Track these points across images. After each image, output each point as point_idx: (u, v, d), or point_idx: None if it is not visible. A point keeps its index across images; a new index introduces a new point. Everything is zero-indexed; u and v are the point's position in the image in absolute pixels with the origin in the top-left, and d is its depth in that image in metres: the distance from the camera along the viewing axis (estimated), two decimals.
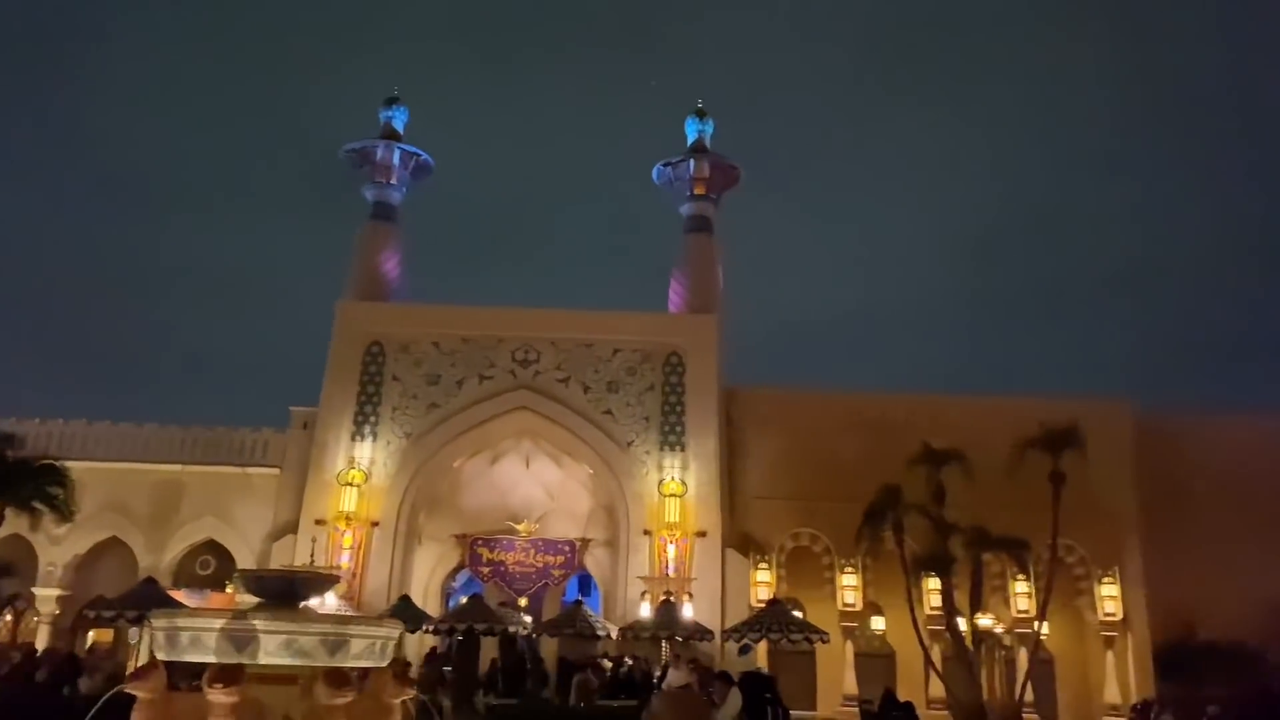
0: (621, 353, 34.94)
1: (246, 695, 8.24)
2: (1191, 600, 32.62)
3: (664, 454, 33.78)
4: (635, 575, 32.38)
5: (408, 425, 34.10)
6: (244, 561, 32.97)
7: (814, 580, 33.72)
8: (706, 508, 33.12)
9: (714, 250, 38.76)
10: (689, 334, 35.57)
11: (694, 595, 31.68)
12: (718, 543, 32.79)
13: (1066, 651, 33.95)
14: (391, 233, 39.04)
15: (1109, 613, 33.09)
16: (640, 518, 33.03)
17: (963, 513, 28.78)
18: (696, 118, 40.75)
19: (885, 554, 30.42)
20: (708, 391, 34.47)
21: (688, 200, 39.35)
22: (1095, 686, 33.28)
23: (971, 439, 29.05)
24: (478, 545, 34.39)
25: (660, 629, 29.69)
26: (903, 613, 29.62)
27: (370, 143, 39.74)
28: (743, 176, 40.40)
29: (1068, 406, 30.66)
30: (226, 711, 8.19)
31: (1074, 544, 32.29)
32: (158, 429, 35.36)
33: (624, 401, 34.44)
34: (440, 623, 29.90)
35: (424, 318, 35.87)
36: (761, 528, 33.89)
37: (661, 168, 40.13)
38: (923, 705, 30.21)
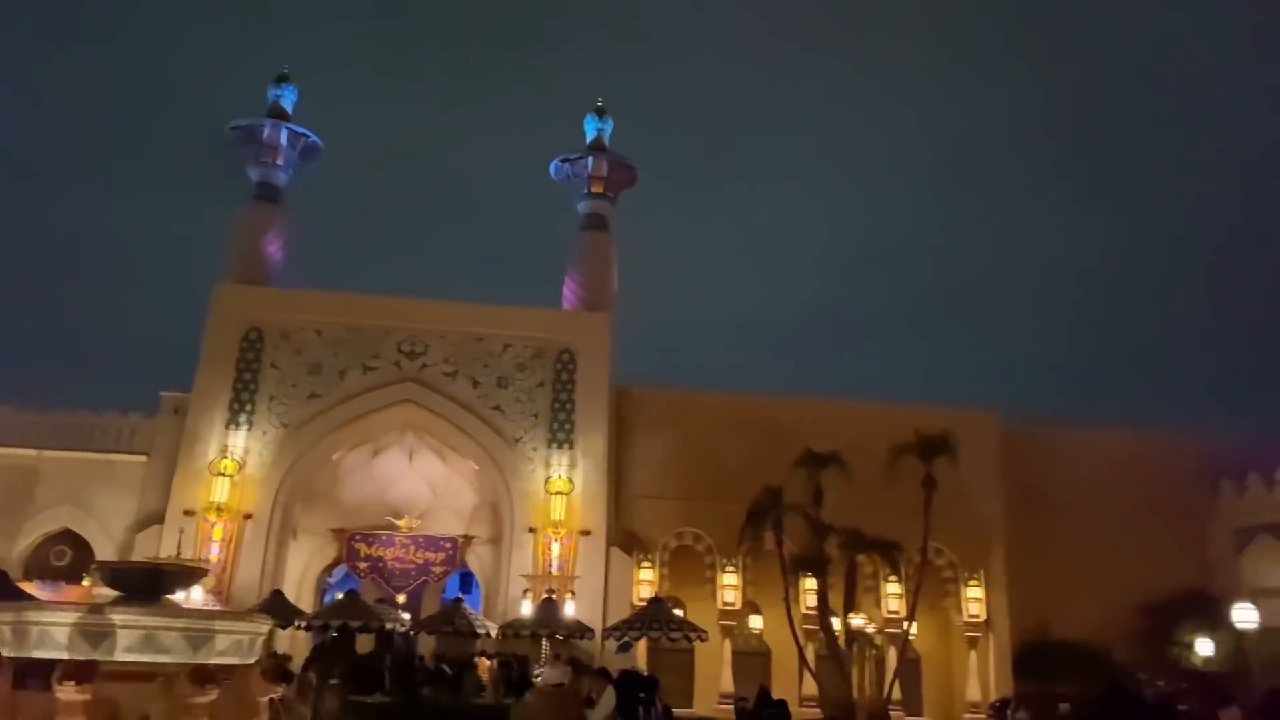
0: (513, 348, 34.63)
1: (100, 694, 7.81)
2: (1048, 602, 34.43)
3: (552, 451, 33.64)
4: (518, 573, 32.17)
5: (286, 415, 32.99)
6: (104, 553, 31.31)
7: (695, 579, 34.15)
8: (592, 506, 33.14)
9: (610, 249, 38.82)
10: (582, 332, 35.53)
11: (576, 593, 31.67)
12: (602, 541, 32.86)
13: (933, 651, 35.35)
14: (275, 214, 37.68)
15: (973, 614, 34.57)
16: (525, 515, 32.82)
17: (840, 515, 29.63)
18: (596, 116, 40.73)
19: (765, 554, 31.07)
20: (598, 390, 34.49)
21: (585, 198, 39.30)
22: (958, 684, 34.71)
23: (852, 443, 29.95)
24: (356, 540, 33.56)
25: (541, 627, 29.57)
26: (780, 612, 30.31)
27: (257, 121, 38.29)
28: (640, 177, 40.61)
29: (941, 415, 32.04)
30: (77, 711, 7.75)
31: (943, 547, 33.59)
32: (12, 412, 33.23)
33: (513, 397, 34.15)
34: (314, 619, 29.07)
35: (307, 304, 34.73)
36: (646, 527, 34.13)
37: (559, 163, 39.96)
38: (796, 703, 30.96)
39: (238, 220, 37.33)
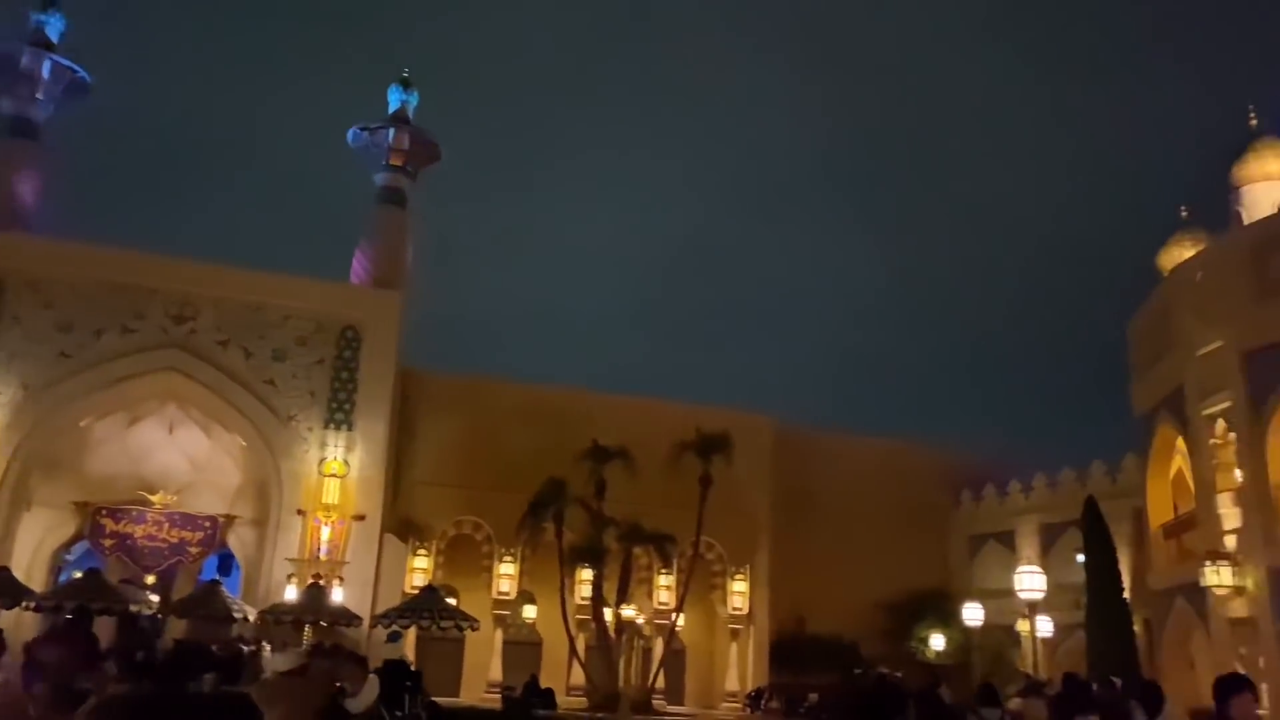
0: (293, 320, 32.85)
1: None
2: (806, 597, 36.65)
3: (329, 432, 32.23)
4: (284, 556, 30.63)
5: (29, 374, 29.81)
6: None
7: (473, 568, 33.81)
8: (369, 490, 32.03)
9: (406, 225, 37.63)
10: (370, 309, 34.16)
11: (345, 580, 30.56)
12: (377, 527, 31.84)
13: (698, 642, 36.71)
14: (31, 152, 33.97)
15: (737, 607, 36.19)
16: (295, 497, 31.29)
17: (621, 508, 30.20)
18: (401, 87, 39.28)
19: (545, 545, 31.21)
20: (384, 371, 33.32)
21: (383, 170, 37.87)
22: (719, 675, 36.24)
23: (636, 438, 30.59)
24: (102, 515, 30.91)
25: (304, 613, 28.32)
26: (555, 602, 30.53)
27: (13, 47, 34.37)
28: (444, 155, 39.61)
29: (721, 416, 33.37)
30: None
31: (715, 542, 34.94)
32: None
33: (290, 372, 32.42)
34: (45, 599, 26.47)
35: (61, 254, 31.38)
36: (425, 514, 33.43)
37: (358, 131, 38.30)
38: (564, 692, 31.33)
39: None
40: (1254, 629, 22.73)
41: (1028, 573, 24.64)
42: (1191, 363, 25.35)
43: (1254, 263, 23.99)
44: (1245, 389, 23.45)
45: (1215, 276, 25.14)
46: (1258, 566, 22.66)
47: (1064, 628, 31.30)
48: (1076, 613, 30.32)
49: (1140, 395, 29.73)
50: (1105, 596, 28.92)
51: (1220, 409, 24.21)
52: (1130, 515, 31.25)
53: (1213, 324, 24.70)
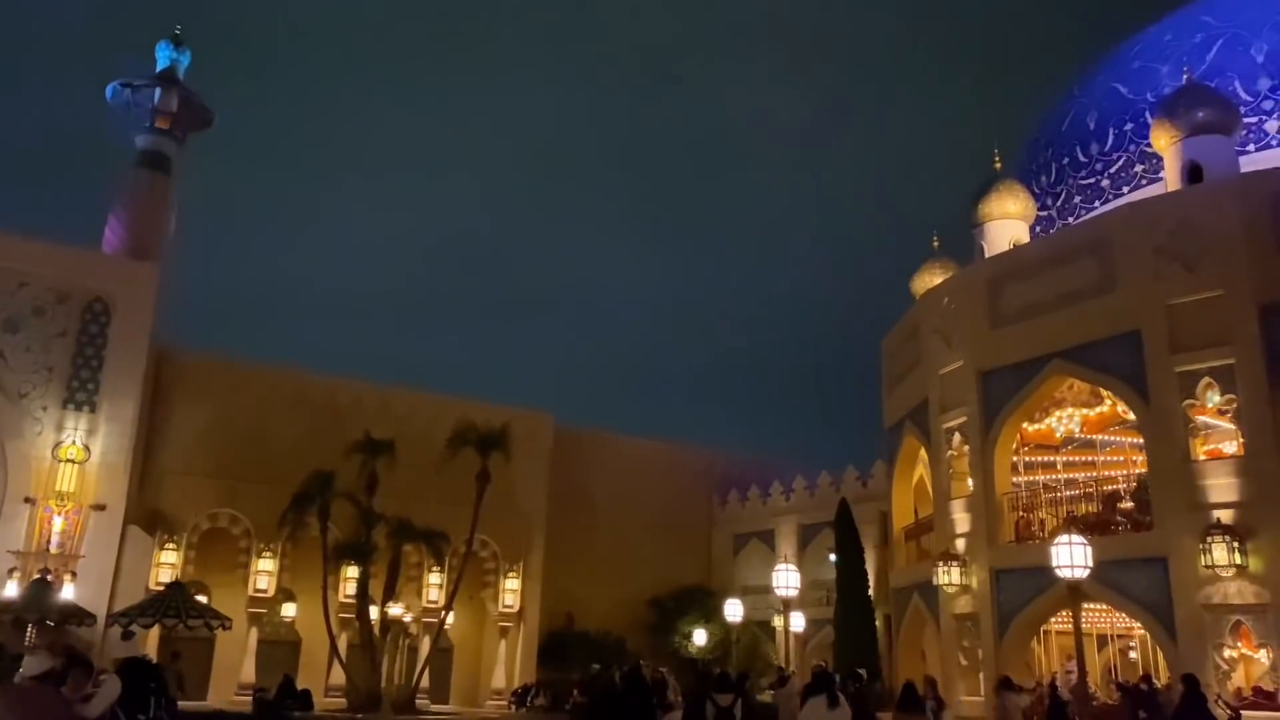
0: (30, 287, 29.58)
1: None
2: (576, 594, 37.16)
3: (67, 412, 29.28)
4: (6, 549, 27.49)
5: None
6: None
7: (228, 564, 31.77)
8: (112, 478, 29.35)
9: (168, 193, 34.77)
10: (121, 280, 31.18)
11: (79, 575, 27.88)
12: (119, 518, 29.24)
13: (467, 640, 36.29)
14: None
15: (508, 604, 36.09)
16: (24, 483, 28.20)
17: (392, 503, 29.31)
18: (171, 44, 36.32)
19: (308, 540, 29.73)
20: (135, 349, 30.60)
21: (145, 132, 34.84)
22: (486, 672, 35.97)
23: (410, 432, 29.92)
24: None
25: (28, 610, 25.60)
26: (316, 600, 29.16)
27: None
28: (216, 121, 36.98)
29: (500, 412, 33.16)
30: None
31: (489, 539, 34.68)
32: None
33: (23, 345, 29.15)
34: None
35: None
36: (176, 505, 31.06)
37: (119, 87, 35.05)
38: (322, 693, 30.08)
39: None
40: (976, 624, 25.18)
41: (784, 570, 26.19)
42: (935, 380, 27.76)
43: (990, 293, 26.60)
44: (979, 406, 25.96)
45: (958, 302, 27.68)
46: (982, 567, 25.12)
47: (815, 622, 33.51)
48: (826, 609, 32.49)
49: (890, 407, 32.24)
50: (852, 593, 31.19)
51: (957, 423, 26.66)
52: (877, 518, 33.77)
53: (954, 345, 27.18)
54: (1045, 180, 32.31)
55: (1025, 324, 25.15)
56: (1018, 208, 29.76)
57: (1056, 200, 32.02)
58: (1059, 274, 24.70)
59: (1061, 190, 31.87)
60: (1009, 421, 25.51)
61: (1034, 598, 23.36)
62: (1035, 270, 25.66)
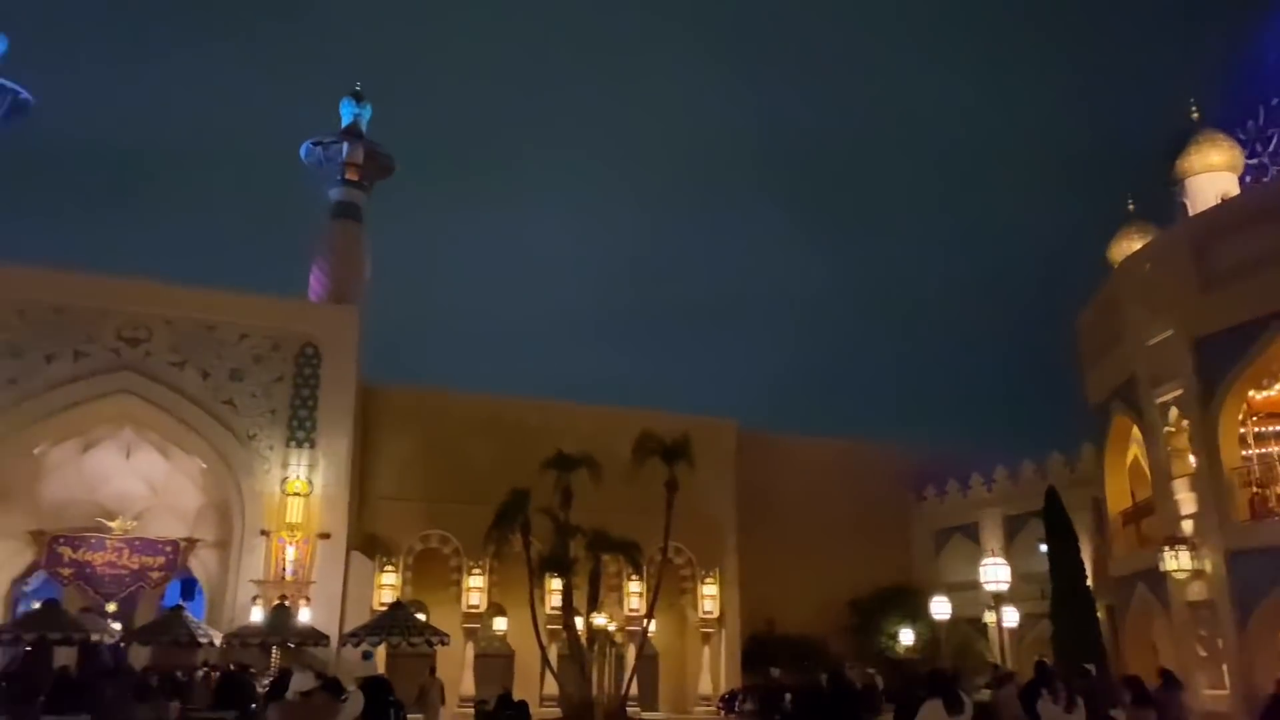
0: (250, 339, 32.42)
1: None
2: (773, 598, 36.88)
3: (290, 450, 31.83)
4: (248, 578, 30.16)
5: None
6: None
7: (441, 582, 33.53)
8: (333, 508, 31.66)
9: (361, 239, 37.35)
10: (327, 325, 33.80)
11: (312, 599, 30.16)
12: (342, 545, 31.49)
13: (670, 647, 36.75)
14: None
15: (708, 610, 36.30)
16: (258, 517, 30.84)
17: (586, 516, 30.06)
18: (353, 100, 39.09)
19: (512, 556, 30.98)
20: (344, 387, 32.99)
21: (337, 184, 37.60)
22: (691, 678, 36.29)
23: (597, 446, 30.48)
24: (59, 544, 30.22)
25: (271, 634, 27.93)
26: (525, 613, 30.27)
27: None
28: (397, 168, 39.39)
29: (683, 421, 33.27)
30: None
31: (682, 547, 35.02)
32: None
33: (249, 392, 31.97)
34: (3, 632, 25.82)
35: (7, 280, 30.74)
36: (390, 529, 33.10)
37: (311, 146, 37.99)
38: (537, 704, 31.14)
39: None
40: (1213, 611, 23.28)
41: (992, 564, 25.03)
42: (1142, 353, 25.92)
43: (1198, 253, 24.61)
44: (1195, 376, 24.04)
45: (1162, 267, 25.75)
46: (1215, 550, 23.22)
47: (1029, 617, 31.82)
48: (1041, 602, 30.83)
49: (1093, 386, 30.31)
50: (1069, 585, 29.43)
51: (1172, 397, 24.79)
52: (1089, 504, 31.83)
53: (1161, 314, 25.29)
54: (1252, 125, 29.61)
55: (1242, 283, 23.13)
56: (1223, 158, 27.42)
57: (1268, 145, 29.27)
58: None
59: (1274, 133, 29.12)
60: (1232, 390, 23.52)
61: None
62: (1250, 223, 23.58)
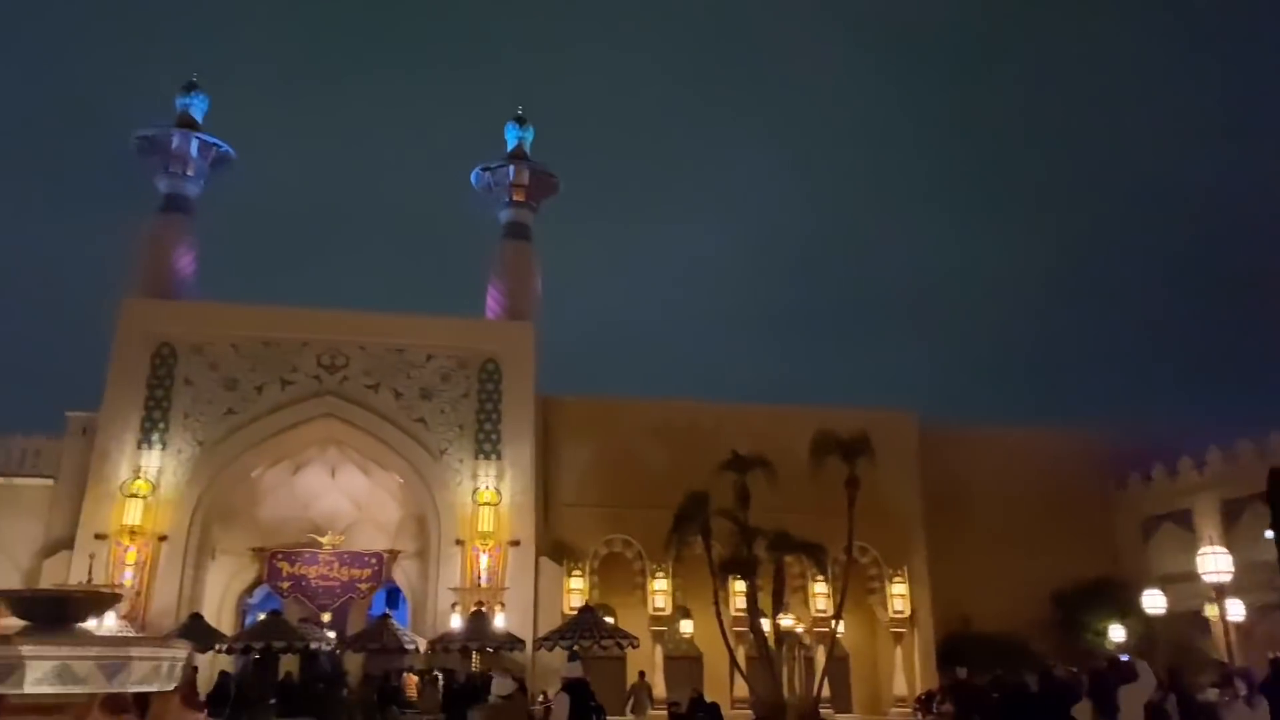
0: (435, 359, 34.19)
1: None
2: (967, 595, 35.38)
3: (479, 462, 33.30)
4: (446, 586, 31.74)
5: (201, 432, 32.01)
6: (9, 581, 29.83)
7: (626, 586, 34.16)
8: (521, 516, 32.90)
9: (532, 257, 38.68)
10: (505, 341, 35.25)
11: (506, 605, 31.39)
12: (532, 551, 32.65)
13: (861, 648, 35.99)
14: (185, 226, 36.59)
15: (898, 610, 35.31)
16: (452, 527, 32.42)
17: (765, 517, 29.93)
18: (517, 124, 40.58)
19: (694, 558, 31.24)
20: (524, 399, 34.27)
21: (506, 207, 39.11)
22: (885, 680, 35.41)
23: (773, 447, 30.32)
24: (277, 559, 32.74)
25: (471, 640, 29.25)
26: (710, 615, 30.48)
27: (165, 130, 37.13)
28: (561, 185, 40.55)
29: (860, 416, 32.60)
30: None
31: (867, 545, 34.25)
32: None
33: (437, 409, 33.71)
34: (235, 641, 28.26)
35: (221, 318, 33.74)
36: (575, 535, 34.03)
37: (480, 172, 39.70)
38: (728, 705, 31.18)
39: (145, 233, 36.15)
40: None
41: (1211, 554, 23.05)
42: None
43: None
44: None
45: None
46: None
47: (1258, 610, 29.22)
48: (1271, 593, 28.27)
49: None
50: None
51: None
52: None
53: None
54: None
55: None
56: None
57: None
58: None
59: None
60: None
61: None
62: None
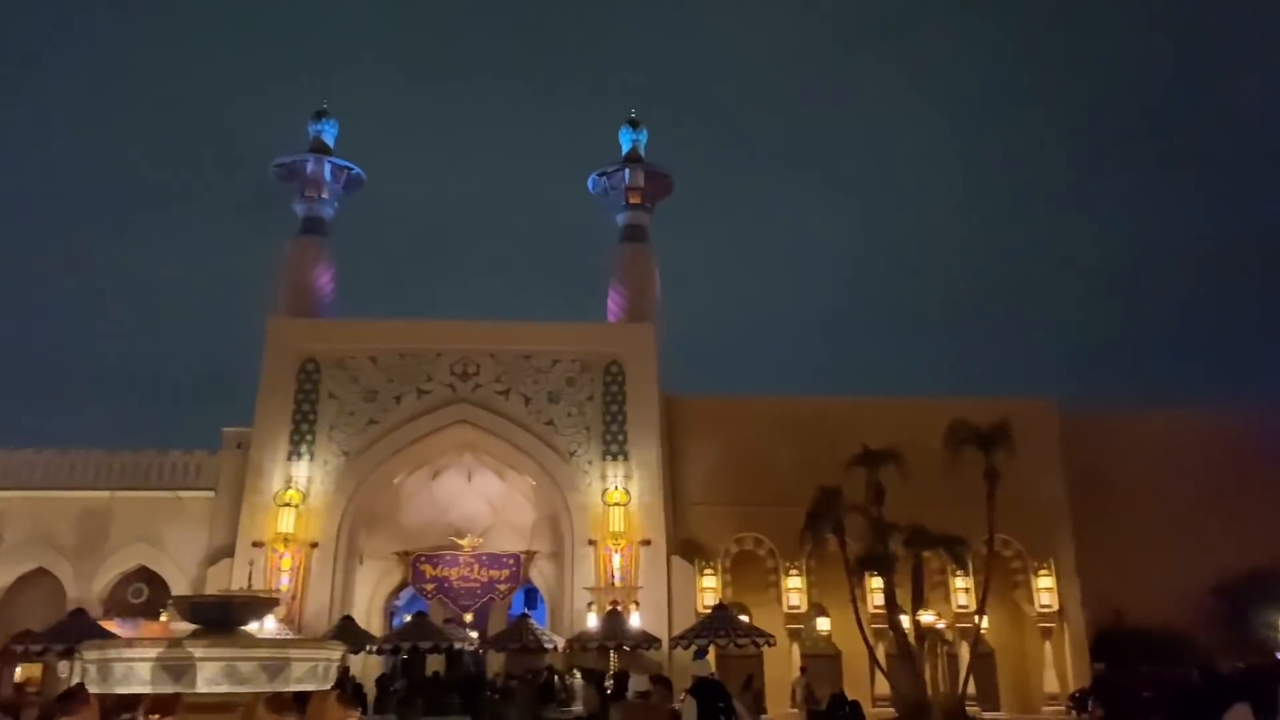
0: (561, 363, 34.84)
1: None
2: (1121, 588, 33.63)
3: (607, 463, 33.75)
4: (581, 586, 32.27)
5: (345, 443, 33.53)
6: (178, 588, 32.03)
7: (759, 584, 33.97)
8: (650, 516, 33.16)
9: (650, 259, 38.92)
10: (627, 343, 35.62)
11: (640, 604, 31.68)
12: (663, 550, 32.86)
13: (1006, 643, 34.73)
14: (323, 247, 38.40)
15: (1045, 604, 33.93)
16: (584, 528, 32.95)
17: (900, 512, 29.28)
18: (630, 127, 40.92)
19: (828, 555, 30.85)
20: (648, 400, 34.54)
21: (623, 209, 39.49)
22: (1034, 676, 34.07)
23: (906, 440, 29.55)
24: (421, 562, 33.96)
25: (608, 639, 29.65)
26: (847, 612, 30.03)
27: (299, 157, 39.07)
28: (676, 185, 40.66)
29: (996, 406, 31.26)
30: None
31: (1009, 538, 33.03)
32: (83, 454, 34.15)
33: (565, 412, 34.34)
34: (384, 642, 29.48)
35: (359, 332, 35.35)
36: (705, 534, 34.05)
37: (596, 178, 40.22)
38: (868, 703, 30.62)
39: (286, 255, 38.13)
40: None
41: None
42: None
43: None
44: None
45: None
46: None
47: None
48: None
49: None
50: None
51: None
52: None
53: None
54: None
55: None
56: None
57: None
58: None
59: None
60: None
61: None
62: None
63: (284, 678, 8.43)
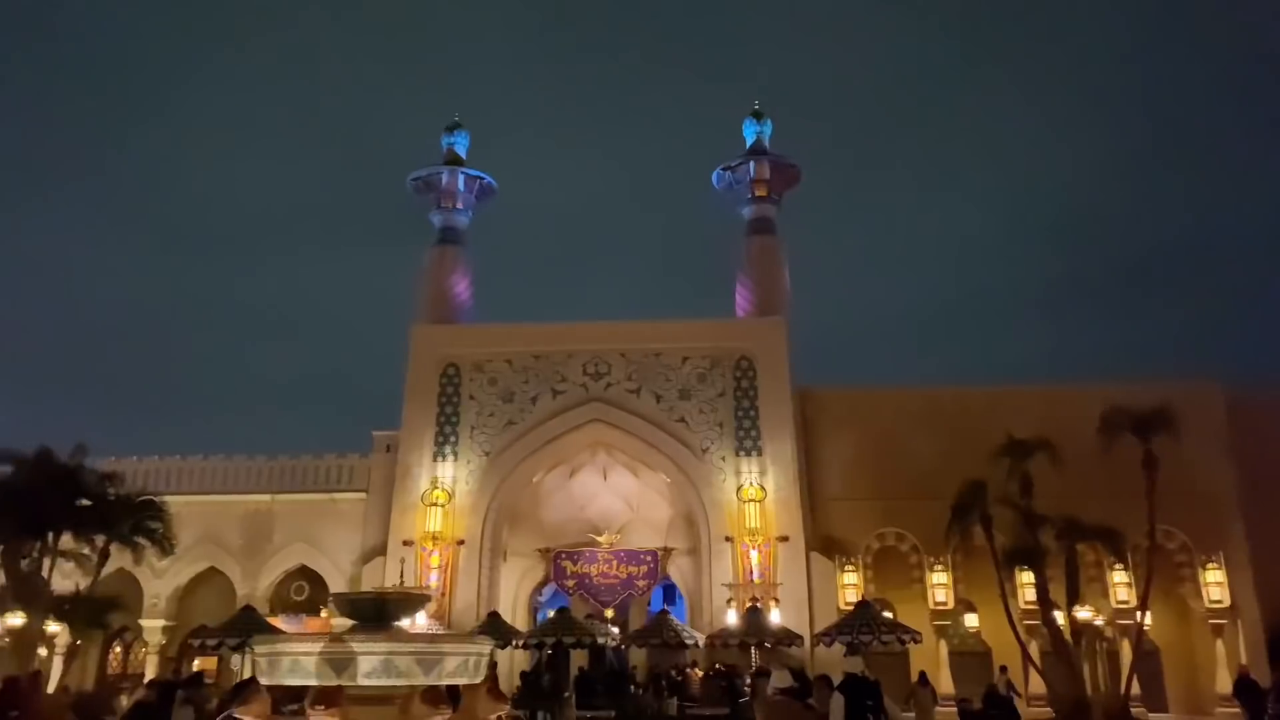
0: (691, 360, 34.91)
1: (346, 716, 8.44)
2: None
3: (740, 459, 33.61)
4: (719, 582, 32.24)
5: (486, 443, 34.55)
6: (335, 585, 33.74)
7: (902, 580, 33.13)
8: (787, 511, 32.84)
9: (778, 251, 38.52)
10: (757, 337, 35.36)
11: (780, 600, 31.42)
12: (801, 547, 32.48)
13: (1172, 641, 32.75)
14: (459, 255, 39.69)
15: (1215, 599, 31.85)
16: (720, 524, 32.91)
17: (1051, 504, 27.98)
18: (754, 119, 40.61)
19: (975, 550, 29.79)
20: (780, 394, 34.20)
21: (749, 203, 39.22)
22: (1205, 676, 32.01)
23: (1054, 428, 28.22)
24: (561, 559, 34.65)
25: (748, 635, 29.50)
26: (996, 609, 28.93)
27: (434, 170, 40.48)
28: (803, 175, 40.10)
29: (1153, 390, 29.29)
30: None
31: (1173, 530, 31.18)
32: (246, 461, 36.45)
33: (696, 408, 34.39)
34: (529, 637, 30.19)
35: (495, 336, 36.40)
36: (844, 529, 33.45)
37: (721, 172, 40.08)
38: (1022, 702, 29.46)
39: (425, 264, 39.60)
40: None
41: None
42: None
43: None
44: None
45: None
46: None
47: None
48: None
49: None
50: None
51: None
52: None
53: None
54: None
55: None
56: None
57: None
58: None
59: None
60: None
61: None
62: None
63: (438, 671, 8.74)
